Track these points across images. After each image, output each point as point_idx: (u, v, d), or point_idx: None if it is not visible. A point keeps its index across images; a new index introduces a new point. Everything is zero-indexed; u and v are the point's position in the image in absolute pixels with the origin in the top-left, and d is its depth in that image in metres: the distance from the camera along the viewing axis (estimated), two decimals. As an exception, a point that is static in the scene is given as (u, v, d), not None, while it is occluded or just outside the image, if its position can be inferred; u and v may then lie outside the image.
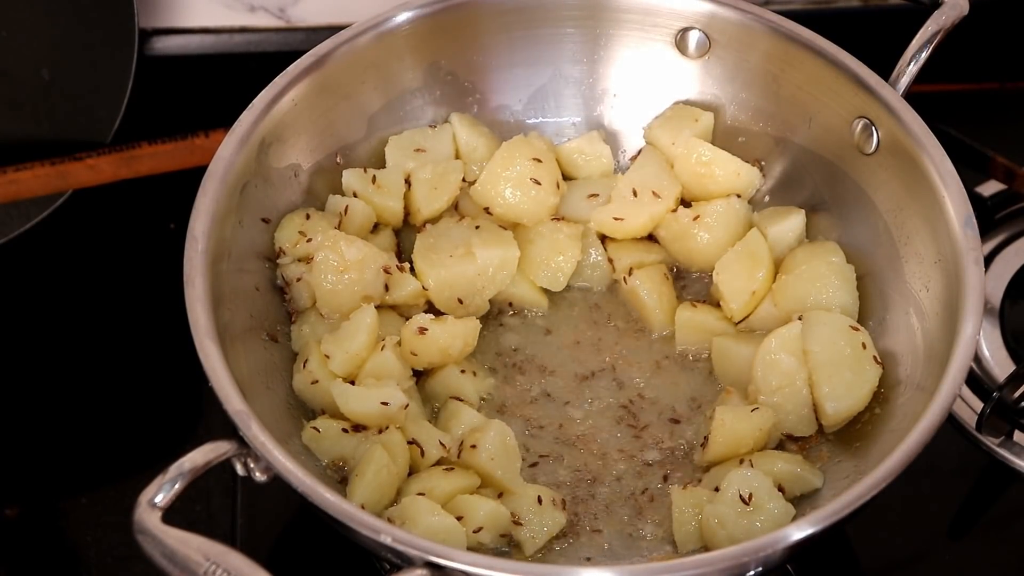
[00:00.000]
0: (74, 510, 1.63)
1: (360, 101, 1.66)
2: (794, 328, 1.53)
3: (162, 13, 1.93)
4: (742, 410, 1.51)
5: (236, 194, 1.52)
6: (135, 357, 1.76)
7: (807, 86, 1.63)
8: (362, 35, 1.62)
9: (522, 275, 1.64)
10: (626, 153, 1.76)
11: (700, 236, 1.65)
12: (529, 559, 1.45)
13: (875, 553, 1.59)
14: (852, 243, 1.62)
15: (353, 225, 1.61)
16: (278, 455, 1.31)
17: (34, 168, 1.76)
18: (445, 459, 1.49)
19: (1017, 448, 1.64)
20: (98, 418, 1.71)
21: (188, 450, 1.29)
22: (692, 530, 1.45)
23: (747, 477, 1.44)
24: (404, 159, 1.67)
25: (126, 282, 1.83)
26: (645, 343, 1.64)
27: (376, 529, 1.27)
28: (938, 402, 1.35)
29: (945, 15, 1.56)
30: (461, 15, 1.67)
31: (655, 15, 1.68)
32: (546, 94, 1.74)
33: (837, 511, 1.29)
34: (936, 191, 1.49)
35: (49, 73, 1.80)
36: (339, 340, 1.52)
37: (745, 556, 1.26)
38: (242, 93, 1.56)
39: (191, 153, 1.80)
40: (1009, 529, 1.63)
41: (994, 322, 1.75)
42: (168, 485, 1.26)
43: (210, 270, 1.44)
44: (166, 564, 1.22)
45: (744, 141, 1.70)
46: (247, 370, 1.45)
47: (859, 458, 1.47)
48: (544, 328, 1.66)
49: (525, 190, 1.64)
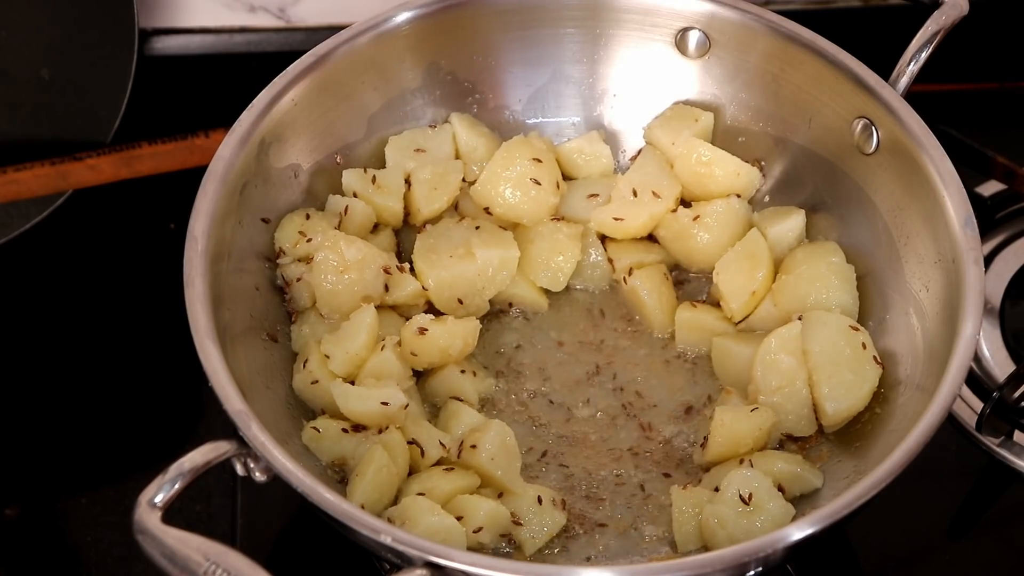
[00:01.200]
0: (74, 510, 1.63)
1: (360, 101, 1.66)
2: (794, 328, 1.53)
3: (162, 13, 1.93)
4: (742, 410, 1.51)
5: (236, 194, 1.52)
6: (135, 357, 1.76)
7: (807, 86, 1.63)
8: (362, 35, 1.62)
9: (522, 275, 1.64)
10: (626, 153, 1.76)
11: (700, 236, 1.65)
12: (529, 559, 1.45)
13: (875, 553, 1.59)
14: (852, 243, 1.62)
15: (353, 225, 1.61)
16: (278, 455, 1.31)
17: (34, 168, 1.76)
18: (445, 459, 1.49)
19: (1017, 448, 1.64)
20: (98, 418, 1.71)
21: (188, 450, 1.29)
22: (692, 530, 1.45)
23: (747, 477, 1.44)
24: (404, 159, 1.67)
25: (126, 282, 1.83)
26: (645, 343, 1.64)
27: (376, 529, 1.27)
28: (938, 402, 1.35)
29: (945, 15, 1.56)
30: (461, 15, 1.67)
31: (655, 15, 1.68)
32: (546, 94, 1.74)
33: (837, 511, 1.29)
34: (936, 191, 1.49)
35: (49, 73, 1.80)
36: (339, 340, 1.52)
37: (745, 556, 1.26)
38: (242, 93, 1.56)
39: (191, 153, 1.80)
40: (1009, 529, 1.63)
41: (994, 322, 1.75)
42: (168, 485, 1.26)
43: (210, 270, 1.44)
44: (166, 564, 1.22)
45: (744, 141, 1.70)
46: (247, 370, 1.45)
47: (859, 458, 1.47)
48: (544, 328, 1.66)
49: (525, 190, 1.64)
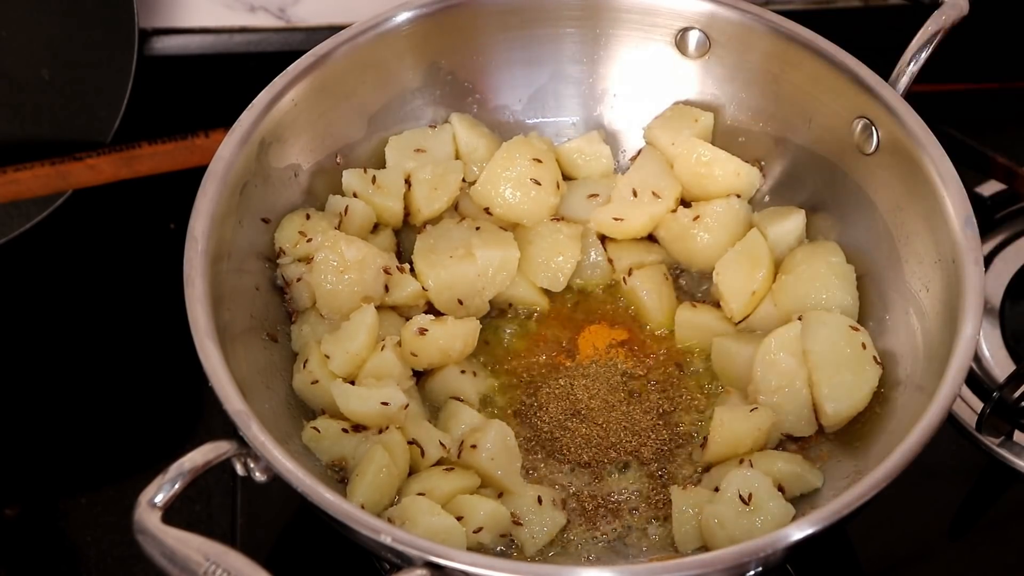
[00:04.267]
0: (74, 510, 1.63)
1: (360, 101, 1.66)
2: (794, 328, 1.53)
3: (162, 13, 1.93)
4: (741, 410, 1.51)
5: (236, 194, 1.52)
6: (135, 357, 1.76)
7: (807, 86, 1.63)
8: (362, 35, 1.62)
9: (522, 275, 1.64)
10: (626, 153, 1.76)
11: (700, 236, 1.65)
12: (529, 559, 1.45)
13: (875, 553, 1.59)
14: (852, 243, 1.62)
15: (353, 225, 1.61)
16: (278, 455, 1.31)
17: (34, 168, 1.76)
18: (445, 459, 1.49)
19: (1017, 448, 1.64)
20: (98, 418, 1.71)
21: (188, 450, 1.29)
22: (692, 530, 1.45)
23: (747, 477, 1.44)
24: (404, 159, 1.67)
25: (126, 282, 1.83)
26: (645, 343, 1.64)
27: (376, 529, 1.27)
28: (938, 402, 1.35)
29: (945, 15, 1.56)
30: (461, 15, 1.67)
31: (655, 15, 1.68)
32: (546, 94, 1.74)
33: (837, 511, 1.29)
34: (936, 191, 1.49)
35: (49, 73, 1.80)
36: (339, 340, 1.52)
37: (745, 556, 1.26)
38: (242, 93, 1.56)
39: (191, 153, 1.80)
40: (1009, 529, 1.63)
41: (994, 322, 1.75)
42: (168, 485, 1.26)
43: (210, 270, 1.44)
44: (166, 564, 1.22)
45: (744, 141, 1.70)
46: (247, 370, 1.45)
47: (859, 458, 1.47)
48: (544, 328, 1.66)
49: (525, 190, 1.64)
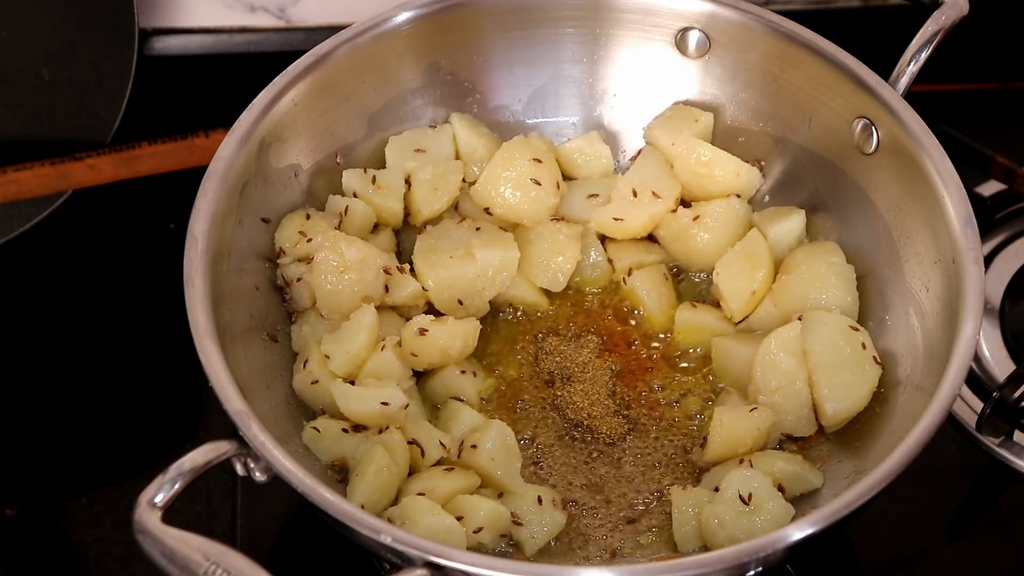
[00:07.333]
0: (74, 510, 1.63)
1: (360, 101, 1.66)
2: (794, 328, 1.53)
3: (162, 13, 1.93)
4: (740, 410, 1.51)
5: (236, 194, 1.52)
6: (135, 357, 1.76)
7: (807, 86, 1.63)
8: (362, 35, 1.62)
9: (522, 276, 1.64)
10: (626, 153, 1.76)
11: (700, 236, 1.65)
12: (529, 559, 1.45)
13: (875, 553, 1.59)
14: (852, 243, 1.62)
15: (353, 225, 1.61)
16: (278, 455, 1.31)
17: (34, 168, 1.76)
18: (445, 459, 1.49)
19: (1017, 448, 1.64)
20: (98, 418, 1.71)
21: (188, 450, 1.29)
22: (692, 530, 1.45)
23: (747, 477, 1.44)
24: (404, 159, 1.67)
25: (126, 282, 1.83)
26: (645, 343, 1.64)
27: (376, 529, 1.27)
28: (938, 402, 1.35)
29: (945, 15, 1.56)
30: (461, 15, 1.67)
31: (655, 15, 1.68)
32: (546, 94, 1.74)
33: (837, 511, 1.29)
34: (936, 191, 1.49)
35: (49, 73, 1.80)
36: (339, 340, 1.52)
37: (745, 556, 1.26)
38: (242, 93, 1.56)
39: (191, 153, 1.80)
40: (1009, 529, 1.63)
41: (994, 322, 1.75)
42: (168, 485, 1.26)
43: (210, 270, 1.44)
44: (166, 564, 1.22)
45: (744, 141, 1.70)
46: (247, 370, 1.45)
47: (859, 458, 1.47)
48: (543, 328, 1.66)
49: (525, 190, 1.64)
